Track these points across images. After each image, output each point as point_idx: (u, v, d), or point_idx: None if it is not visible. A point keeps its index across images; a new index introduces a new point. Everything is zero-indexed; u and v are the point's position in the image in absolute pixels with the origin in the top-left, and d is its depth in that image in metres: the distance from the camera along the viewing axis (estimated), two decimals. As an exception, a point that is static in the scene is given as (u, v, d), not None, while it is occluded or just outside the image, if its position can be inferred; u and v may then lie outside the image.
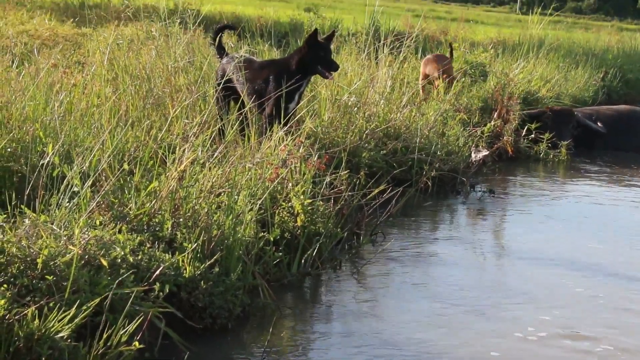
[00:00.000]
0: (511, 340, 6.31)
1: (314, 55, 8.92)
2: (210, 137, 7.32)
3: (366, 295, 7.02)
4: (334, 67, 9.02)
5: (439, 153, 10.61)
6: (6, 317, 4.72)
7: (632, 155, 14.57)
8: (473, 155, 11.65)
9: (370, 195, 8.41)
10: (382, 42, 12.37)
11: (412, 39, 12.66)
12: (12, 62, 8.74)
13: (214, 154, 7.15)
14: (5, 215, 5.61)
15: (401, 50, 12.56)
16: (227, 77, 8.99)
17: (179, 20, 11.02)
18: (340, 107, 9.97)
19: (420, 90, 13.30)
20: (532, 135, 13.88)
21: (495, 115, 13.48)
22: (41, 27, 13.88)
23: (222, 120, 8.64)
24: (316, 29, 9.21)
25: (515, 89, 15.05)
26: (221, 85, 8.96)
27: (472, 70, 15.40)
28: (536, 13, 22.52)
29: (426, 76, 13.55)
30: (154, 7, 13.50)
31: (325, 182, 7.83)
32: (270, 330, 6.06)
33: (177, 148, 6.90)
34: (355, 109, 10.15)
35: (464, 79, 13.76)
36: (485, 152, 11.82)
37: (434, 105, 11.93)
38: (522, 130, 13.88)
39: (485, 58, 16.90)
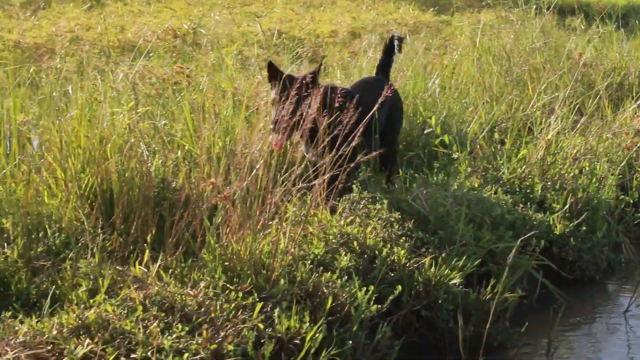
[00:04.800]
0: None
1: None
2: (573, 110, 7.34)
3: None
4: None
5: None
6: (407, 265, 5.01)
7: None
8: None
9: None
10: None
11: None
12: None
13: (575, 125, 7.20)
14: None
15: None
16: None
17: (534, 6, 11.00)
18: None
19: None
20: None
21: None
22: (407, 16, 14.31)
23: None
24: None
25: None
26: None
27: None
28: None
29: None
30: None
31: None
32: (635, 282, 5.99)
33: (541, 120, 7.03)
34: None
35: None
36: None
37: None
38: None
39: None
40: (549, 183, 6.44)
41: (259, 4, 13.82)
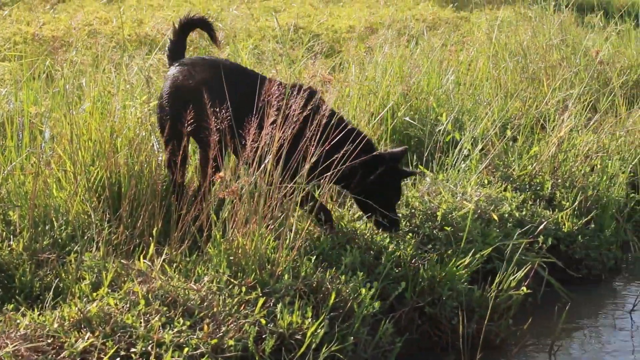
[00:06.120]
0: None
1: None
2: (587, 107, 7.25)
3: None
4: None
5: None
6: (412, 262, 4.95)
7: None
8: None
9: None
10: None
11: None
12: (408, 41, 9.00)
13: (589, 123, 7.11)
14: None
15: None
16: None
17: (553, 3, 10.86)
18: None
19: None
20: None
21: None
22: (425, 12, 14.18)
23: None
24: None
25: None
26: None
27: None
28: None
29: None
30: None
31: None
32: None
33: (554, 117, 6.94)
34: None
35: None
36: None
37: None
38: None
39: None
40: (559, 180, 6.36)
41: (278, -1, 13.74)
